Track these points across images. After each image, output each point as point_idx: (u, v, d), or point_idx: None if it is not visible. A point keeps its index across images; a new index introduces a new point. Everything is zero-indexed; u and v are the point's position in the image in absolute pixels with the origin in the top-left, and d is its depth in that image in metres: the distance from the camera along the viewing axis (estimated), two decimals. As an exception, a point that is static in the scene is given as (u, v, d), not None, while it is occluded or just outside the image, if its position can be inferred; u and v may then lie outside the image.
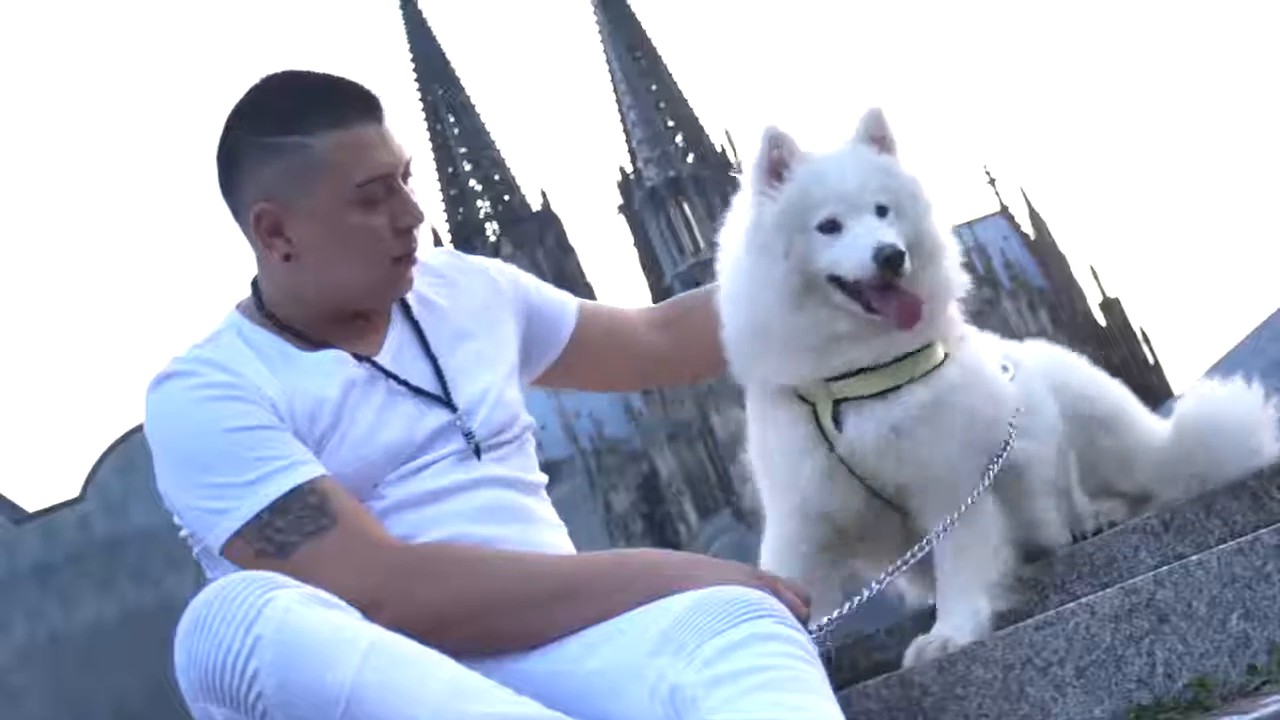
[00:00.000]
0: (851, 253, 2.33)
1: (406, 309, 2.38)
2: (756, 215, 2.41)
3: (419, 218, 2.28)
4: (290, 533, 2.11)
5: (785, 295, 2.38)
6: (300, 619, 1.89)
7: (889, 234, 2.32)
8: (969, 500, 2.42)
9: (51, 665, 46.97)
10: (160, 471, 2.22)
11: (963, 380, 2.45)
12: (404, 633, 1.97)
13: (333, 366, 2.25)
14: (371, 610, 1.99)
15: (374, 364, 2.28)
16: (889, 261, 2.30)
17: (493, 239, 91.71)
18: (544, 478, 2.41)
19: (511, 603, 2.12)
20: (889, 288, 2.33)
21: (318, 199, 2.22)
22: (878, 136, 2.42)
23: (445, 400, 2.30)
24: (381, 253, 2.26)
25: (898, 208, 2.38)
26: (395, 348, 2.32)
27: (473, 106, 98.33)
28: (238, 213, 2.29)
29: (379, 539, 2.14)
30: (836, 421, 2.44)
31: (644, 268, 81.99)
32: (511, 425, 2.36)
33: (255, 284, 2.34)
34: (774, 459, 2.53)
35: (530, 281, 2.57)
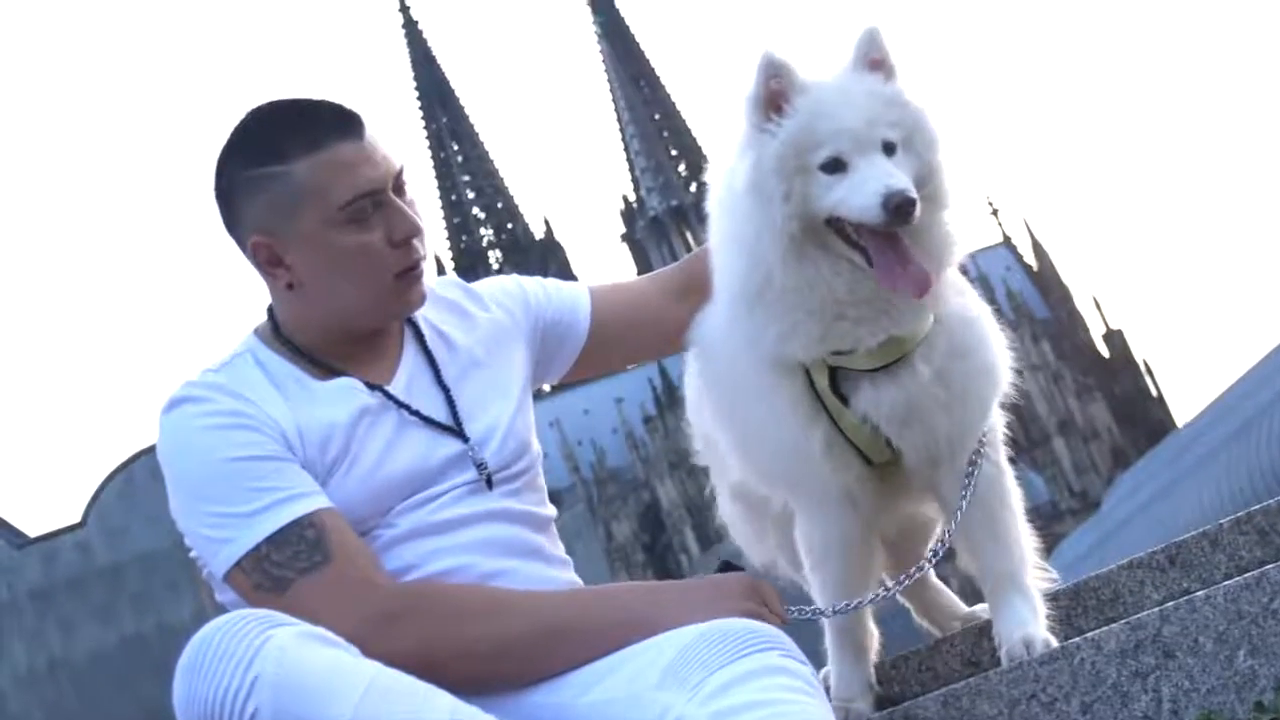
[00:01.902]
0: (858, 195, 2.15)
1: (420, 339, 2.36)
2: (756, 155, 2.21)
3: (415, 229, 2.25)
4: (285, 568, 2.10)
5: (785, 242, 2.20)
6: (299, 657, 1.88)
7: (899, 178, 2.15)
8: (971, 472, 2.35)
9: (51, 691, 46.81)
10: (170, 496, 2.21)
11: (965, 344, 2.33)
12: (400, 669, 1.96)
13: (345, 394, 2.24)
14: (363, 648, 1.98)
15: (386, 393, 2.27)
16: (899, 210, 2.12)
17: (496, 267, 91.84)
18: (553, 511, 2.40)
19: (503, 644, 2.10)
20: (891, 239, 2.18)
21: (306, 224, 2.21)
22: (876, 60, 2.23)
23: (457, 431, 2.28)
24: (381, 269, 2.24)
25: (906, 143, 2.21)
26: (408, 377, 2.30)
27: (476, 135, 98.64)
28: (242, 247, 2.28)
29: (371, 578, 2.12)
30: (838, 392, 2.31)
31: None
32: (522, 455, 2.34)
33: (271, 310, 2.34)
34: (763, 433, 2.38)
35: (539, 292, 2.52)
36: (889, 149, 2.19)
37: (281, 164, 2.21)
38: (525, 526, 2.30)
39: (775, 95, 2.21)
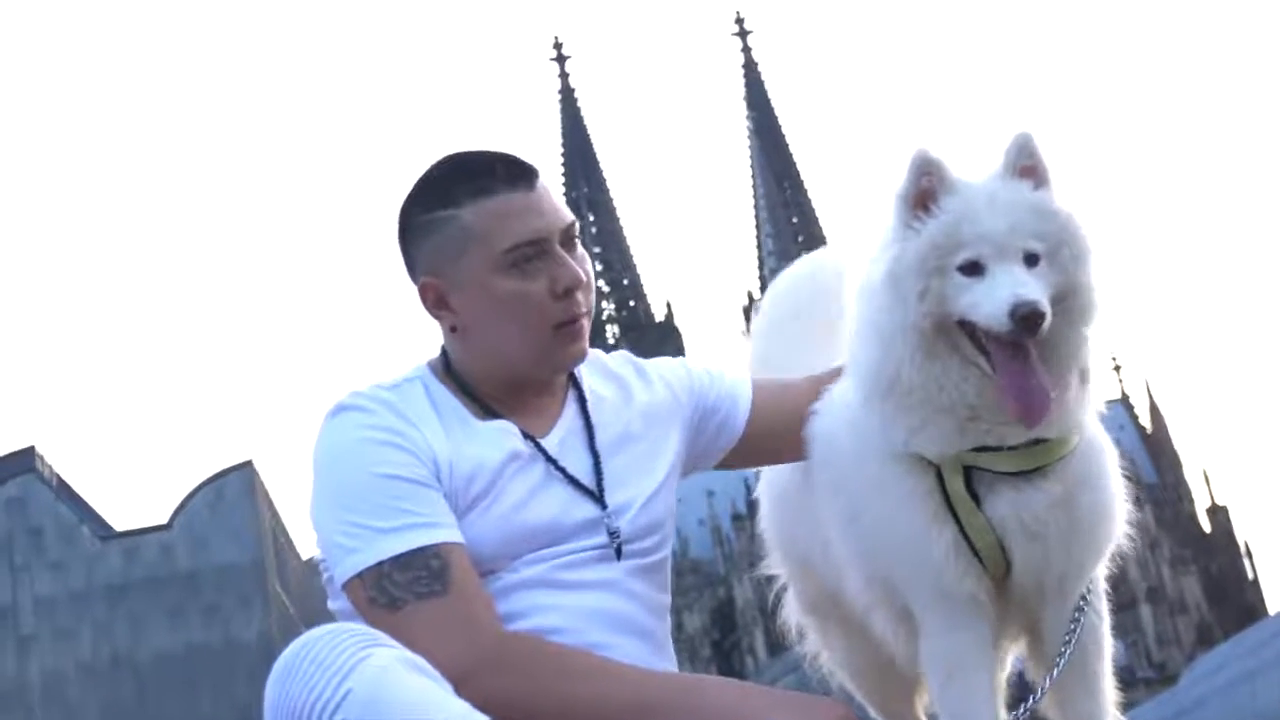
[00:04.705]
0: (988, 301, 2.13)
1: (582, 402, 2.39)
2: (899, 250, 2.21)
3: (577, 281, 2.27)
4: (404, 589, 2.14)
5: (916, 338, 2.19)
6: (393, 681, 1.93)
7: (1033, 288, 2.12)
8: (1077, 619, 2.31)
9: (110, 685, 47.26)
10: (313, 495, 2.27)
11: (1093, 475, 2.29)
12: (489, 716, 1.98)
13: (500, 437, 2.28)
14: (458, 687, 2.01)
15: (538, 445, 2.30)
16: (1026, 320, 2.10)
17: (612, 342, 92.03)
18: (669, 601, 2.39)
19: (600, 711, 2.11)
20: (1018, 351, 2.15)
21: (470, 268, 2.26)
22: (1028, 168, 2.21)
23: (597, 497, 2.31)
24: (541, 319, 2.27)
25: (1051, 255, 2.17)
26: (563, 435, 2.33)
27: (614, 209, 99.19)
28: (416, 290, 2.35)
29: (482, 619, 2.15)
30: (973, 495, 2.24)
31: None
32: (655, 532, 2.35)
33: (444, 349, 2.38)
34: (885, 530, 2.30)
35: (704, 378, 2.51)
36: (1031, 259, 2.17)
37: (452, 209, 2.27)
38: (640, 606, 2.31)
39: (925, 193, 2.20)
